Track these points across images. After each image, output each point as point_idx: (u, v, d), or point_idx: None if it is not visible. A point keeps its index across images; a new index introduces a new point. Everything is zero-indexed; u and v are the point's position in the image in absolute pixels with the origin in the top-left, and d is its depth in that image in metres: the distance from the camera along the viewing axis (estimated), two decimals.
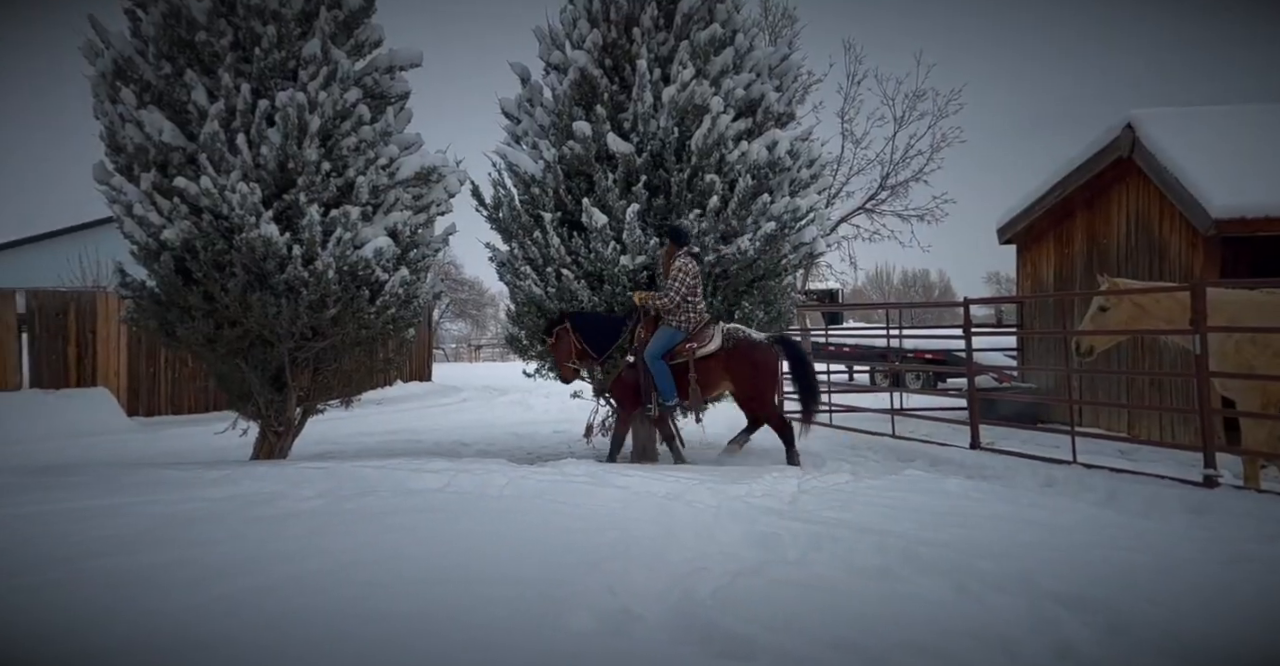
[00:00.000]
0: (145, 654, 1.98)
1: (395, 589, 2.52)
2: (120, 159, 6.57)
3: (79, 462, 5.60)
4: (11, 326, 11.16)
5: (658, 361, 6.54)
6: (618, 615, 2.46)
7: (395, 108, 7.13)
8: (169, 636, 2.09)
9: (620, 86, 7.05)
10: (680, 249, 6.50)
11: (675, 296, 6.38)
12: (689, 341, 6.54)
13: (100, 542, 2.96)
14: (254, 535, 3.16)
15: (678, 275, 6.38)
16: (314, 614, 2.27)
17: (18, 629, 2.12)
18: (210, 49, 6.38)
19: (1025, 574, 2.94)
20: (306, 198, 6.64)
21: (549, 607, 2.45)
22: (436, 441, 9.31)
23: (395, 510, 3.77)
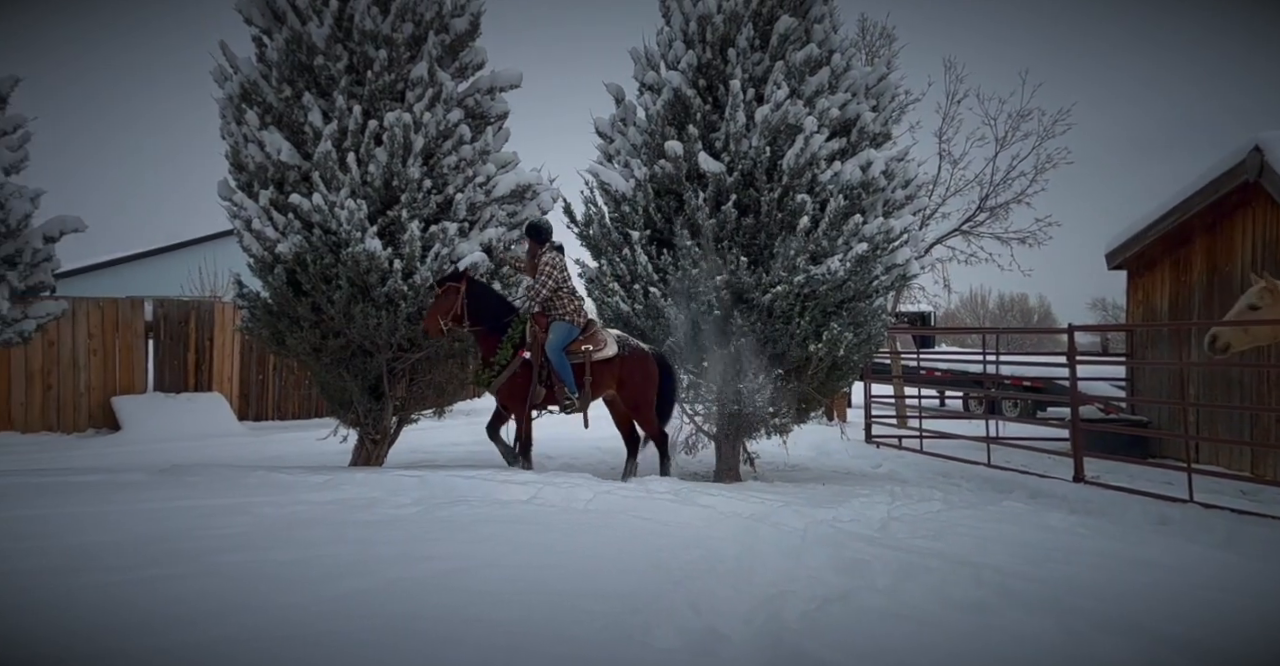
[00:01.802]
0: (276, 647, 2.08)
1: (494, 597, 2.58)
2: (242, 177, 7.00)
3: (199, 463, 5.95)
4: (140, 333, 11.97)
5: (560, 355, 6.60)
6: (704, 634, 2.45)
7: (494, 127, 7.38)
8: (296, 632, 2.19)
9: (713, 106, 7.10)
10: (542, 246, 6.70)
11: (542, 290, 6.53)
12: (583, 342, 6.67)
13: (225, 540, 3.14)
14: (359, 538, 3.28)
15: (546, 270, 6.54)
16: (422, 619, 2.35)
17: (156, 617, 2.26)
18: (327, 72, 6.75)
19: (1135, 616, 2.79)
20: (408, 214, 6.92)
21: (637, 623, 2.47)
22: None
23: (486, 519, 3.85)
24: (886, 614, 2.70)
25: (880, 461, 9.07)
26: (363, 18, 6.63)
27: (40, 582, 2.51)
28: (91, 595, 2.42)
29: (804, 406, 7.47)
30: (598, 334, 6.74)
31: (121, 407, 11.39)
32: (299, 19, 6.68)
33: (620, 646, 2.30)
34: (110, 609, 2.30)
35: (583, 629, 2.38)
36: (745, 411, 7.07)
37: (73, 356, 11.26)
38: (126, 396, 11.62)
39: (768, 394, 6.96)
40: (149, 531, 3.29)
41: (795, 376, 7.05)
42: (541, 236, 6.73)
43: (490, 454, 9.25)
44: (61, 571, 2.64)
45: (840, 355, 6.83)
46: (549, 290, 6.56)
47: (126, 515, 3.63)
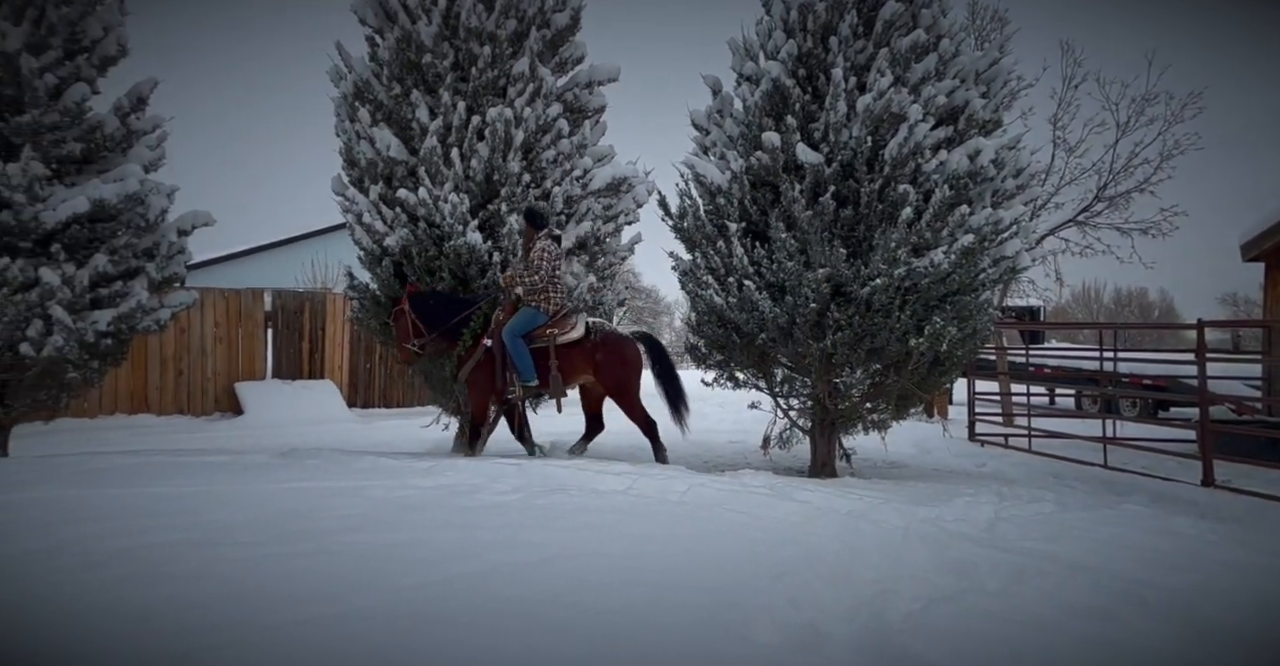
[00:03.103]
0: (396, 625, 2.18)
1: (594, 585, 2.63)
2: (354, 172, 7.33)
3: (314, 447, 6.30)
4: (260, 323, 12.72)
5: (515, 340, 6.45)
6: (803, 630, 2.43)
7: (591, 121, 7.47)
8: (412, 610, 2.29)
9: (812, 96, 6.97)
10: (539, 231, 6.53)
11: (545, 276, 6.39)
12: (550, 327, 6.51)
13: (342, 521, 3.31)
14: (464, 523, 3.40)
15: (543, 255, 6.39)
16: (526, 603, 2.42)
17: (288, 592, 2.40)
18: (434, 70, 6.98)
19: (1277, 632, 2.60)
20: (507, 207, 7.09)
21: (735, 617, 2.47)
22: (615, 445, 9.56)
23: (584, 509, 3.92)
24: (998, 617, 2.61)
25: (985, 460, 8.76)
26: (468, 15, 6.82)
27: (181, 554, 2.70)
28: (228, 568, 2.59)
29: (903, 402, 7.27)
30: (566, 319, 6.63)
31: (243, 393, 12.13)
32: (409, 18, 6.92)
33: (719, 639, 2.30)
34: (246, 582, 2.46)
35: (681, 620, 2.40)
36: (841, 406, 6.94)
37: (201, 344, 12.06)
38: (248, 382, 12.37)
39: (865, 389, 6.81)
40: (275, 510, 3.50)
41: (894, 371, 6.87)
42: (538, 222, 6.66)
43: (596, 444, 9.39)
44: (200, 544, 2.83)
45: (943, 350, 6.61)
46: (544, 281, 6.45)
47: (255, 495, 3.87)
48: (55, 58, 6.16)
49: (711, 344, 7.62)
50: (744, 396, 7.81)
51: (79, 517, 3.20)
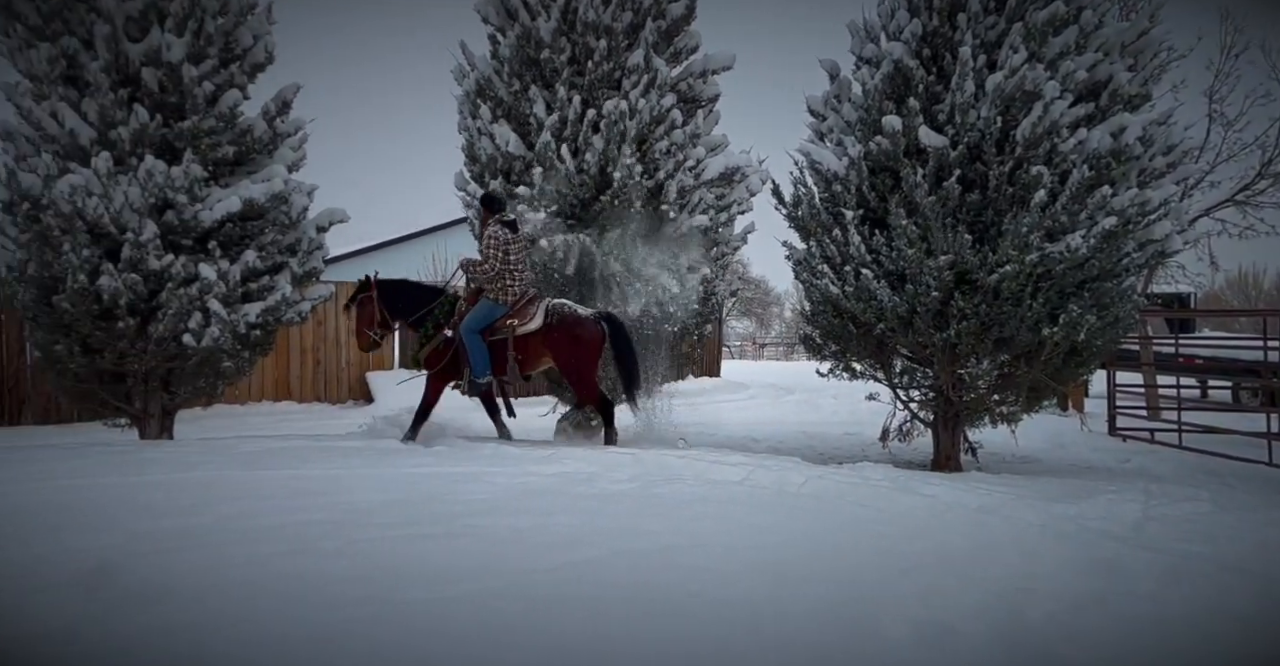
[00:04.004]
0: (527, 606, 2.25)
1: (714, 574, 2.63)
2: (475, 168, 7.59)
3: (439, 434, 6.58)
4: None
5: (472, 335, 6.34)
6: (934, 627, 2.35)
7: (705, 111, 7.43)
8: (541, 593, 2.36)
9: (937, 77, 6.68)
10: (492, 216, 6.39)
11: (489, 268, 6.24)
12: (510, 317, 6.36)
13: (470, 504, 3.44)
14: (584, 510, 3.47)
15: (489, 242, 6.27)
16: (649, 590, 2.45)
17: (425, 570, 2.52)
18: (551, 65, 7.13)
19: None
20: (620, 200, 7.17)
21: (862, 610, 2.41)
22: (728, 435, 9.53)
23: (701, 499, 3.92)
24: (1152, 621, 2.44)
25: (1128, 456, 8.21)
26: (586, 9, 6.93)
27: (326, 533, 2.88)
28: (368, 547, 2.74)
29: (1035, 394, 6.91)
30: (526, 308, 6.45)
31: (374, 382, 12.82)
32: (529, 15, 7.10)
33: (846, 632, 2.26)
34: (386, 561, 2.59)
35: (806, 611, 2.37)
36: (966, 398, 6.66)
37: (335, 335, 12.81)
38: (378, 372, 13.05)
39: (992, 380, 6.50)
40: (407, 493, 3.68)
41: (1025, 362, 6.53)
42: (493, 206, 6.52)
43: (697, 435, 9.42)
44: (342, 524, 3.01)
45: (1080, 340, 6.22)
46: (495, 269, 6.28)
47: (388, 478, 4.09)
48: (212, 66, 6.66)
49: (826, 334, 7.47)
50: (860, 387, 7.62)
51: (236, 496, 3.47)
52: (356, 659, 1.86)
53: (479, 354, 6.35)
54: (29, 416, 10.51)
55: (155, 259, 6.31)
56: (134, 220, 6.26)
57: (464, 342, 6.34)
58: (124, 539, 2.69)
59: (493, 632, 2.05)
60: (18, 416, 10.48)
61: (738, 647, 2.11)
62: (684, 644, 2.09)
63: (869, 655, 2.16)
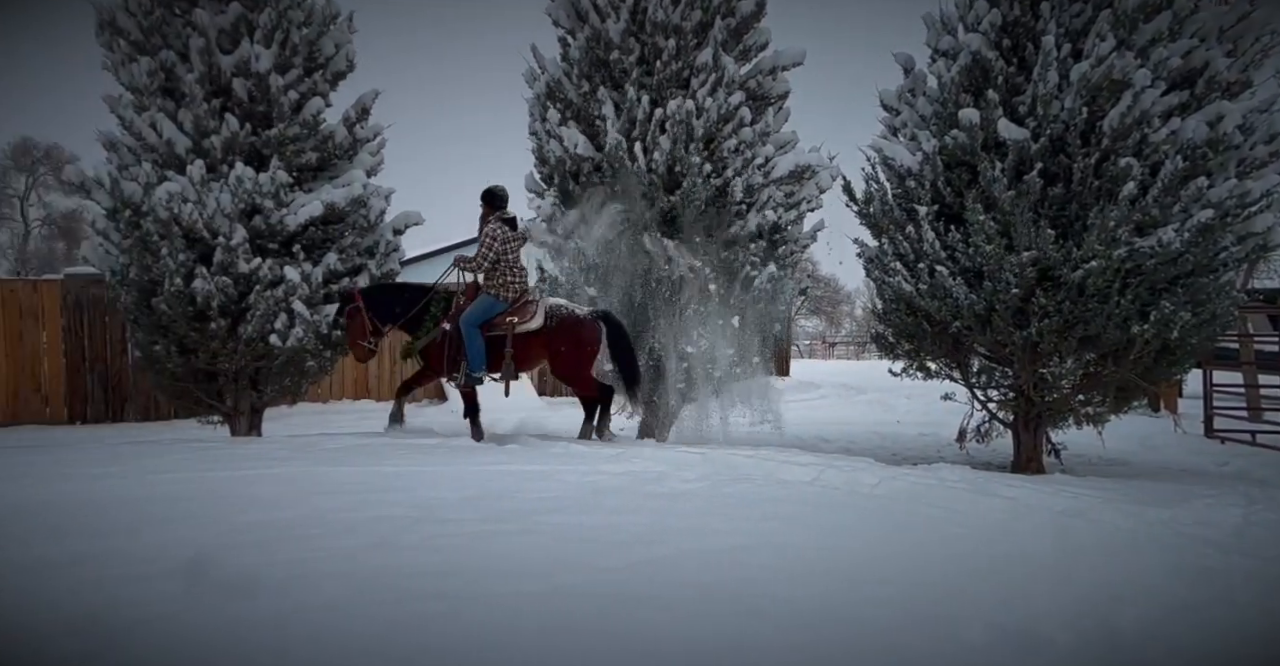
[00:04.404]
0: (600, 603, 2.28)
1: (785, 575, 2.61)
2: (544, 170, 7.69)
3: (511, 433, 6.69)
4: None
5: (472, 329, 6.27)
6: (1018, 633, 2.28)
7: (774, 108, 7.36)
8: (613, 591, 2.38)
9: (1018, 68, 6.48)
10: (494, 212, 6.38)
11: (484, 262, 6.26)
12: (509, 315, 6.33)
13: (541, 502, 3.50)
14: (654, 509, 3.48)
15: (485, 239, 6.28)
16: (719, 588, 2.44)
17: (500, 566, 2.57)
18: (620, 65, 7.17)
19: None
20: (686, 199, 7.16)
21: (940, 613, 2.36)
22: (797, 435, 9.43)
23: (770, 499, 3.89)
24: (1254, 634, 2.31)
25: (1226, 459, 7.82)
26: (655, 9, 6.94)
27: (405, 528, 2.97)
28: (444, 542, 2.80)
29: (1123, 394, 6.63)
30: (526, 307, 6.41)
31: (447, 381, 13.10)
32: (599, 17, 7.15)
33: (922, 635, 2.21)
34: (462, 556, 2.65)
35: (880, 614, 2.33)
36: (1048, 398, 6.43)
37: None
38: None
39: (1076, 379, 6.26)
40: (482, 490, 3.75)
41: (1112, 361, 6.27)
42: (494, 202, 6.49)
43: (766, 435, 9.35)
44: (420, 520, 3.09)
45: (1173, 338, 5.94)
46: (489, 262, 6.30)
47: (463, 475, 4.18)
48: (297, 75, 6.93)
49: (899, 333, 7.33)
50: (935, 387, 7.45)
51: (322, 491, 3.60)
52: (438, 651, 1.91)
53: (476, 348, 6.32)
54: (131, 414, 11.13)
55: (244, 262, 6.59)
56: (225, 225, 6.56)
57: (463, 335, 6.30)
58: (219, 531, 2.82)
59: (566, 629, 2.08)
60: (121, 413, 11.11)
61: (810, 649, 2.09)
62: (756, 644, 2.08)
63: (947, 658, 2.11)
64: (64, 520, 2.93)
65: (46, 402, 10.83)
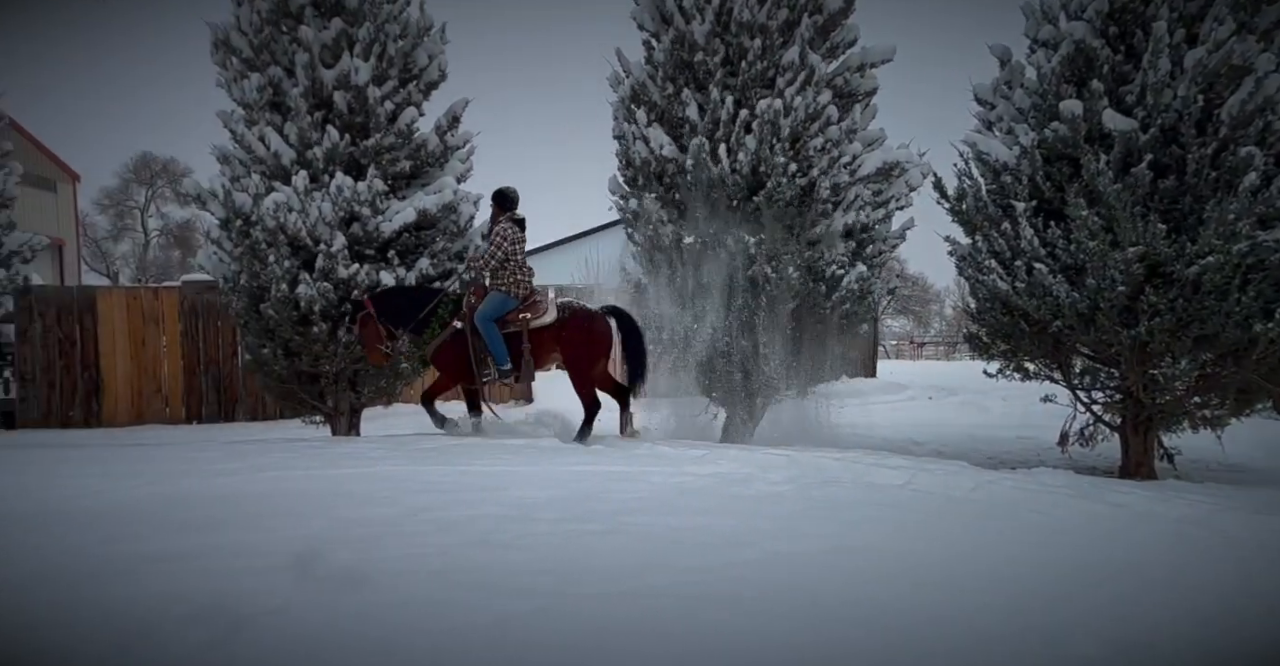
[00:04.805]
0: (690, 605, 2.27)
1: (878, 579, 2.56)
2: (629, 172, 7.76)
3: (598, 434, 6.76)
4: None
5: (488, 324, 6.32)
6: (1133, 648, 2.17)
7: (862, 105, 7.22)
8: (702, 592, 2.38)
9: (1125, 56, 6.17)
10: (504, 213, 6.48)
11: (490, 260, 6.38)
12: (521, 311, 6.40)
13: (628, 502, 3.52)
14: (741, 511, 3.46)
15: (495, 239, 6.38)
16: (809, 592, 2.41)
17: (589, 566, 2.61)
18: (705, 67, 7.18)
19: None
20: (770, 199, 7.09)
21: (1050, 624, 2.26)
22: (886, 438, 9.21)
23: (861, 502, 3.82)
24: None
25: None
26: (741, 9, 6.92)
27: (498, 527, 3.04)
28: (536, 541, 2.86)
29: (1244, 396, 6.22)
30: (539, 303, 6.43)
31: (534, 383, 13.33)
32: (684, 19, 7.17)
33: (1030, 646, 2.13)
34: (553, 555, 2.70)
35: (982, 623, 2.25)
36: (1159, 400, 6.09)
37: None
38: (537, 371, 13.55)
39: (1191, 381, 5.91)
40: (569, 490, 3.81)
41: (1232, 361, 5.89)
42: (504, 203, 6.53)
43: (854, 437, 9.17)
44: (513, 518, 3.17)
45: None
46: (497, 260, 6.37)
47: (551, 475, 4.25)
48: (392, 87, 7.21)
49: (994, 333, 7.08)
50: (1033, 388, 7.16)
51: (419, 489, 3.72)
52: (532, 647, 1.95)
53: (497, 342, 6.37)
54: (241, 413, 11.77)
55: (344, 268, 6.89)
56: (326, 232, 6.87)
57: (481, 333, 6.37)
58: (327, 526, 2.96)
59: (656, 630, 2.09)
60: (232, 413, 11.77)
61: (909, 657, 2.04)
62: (849, 651, 2.05)
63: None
64: (188, 514, 3.12)
65: (166, 403, 11.57)
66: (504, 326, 6.44)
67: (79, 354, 11.15)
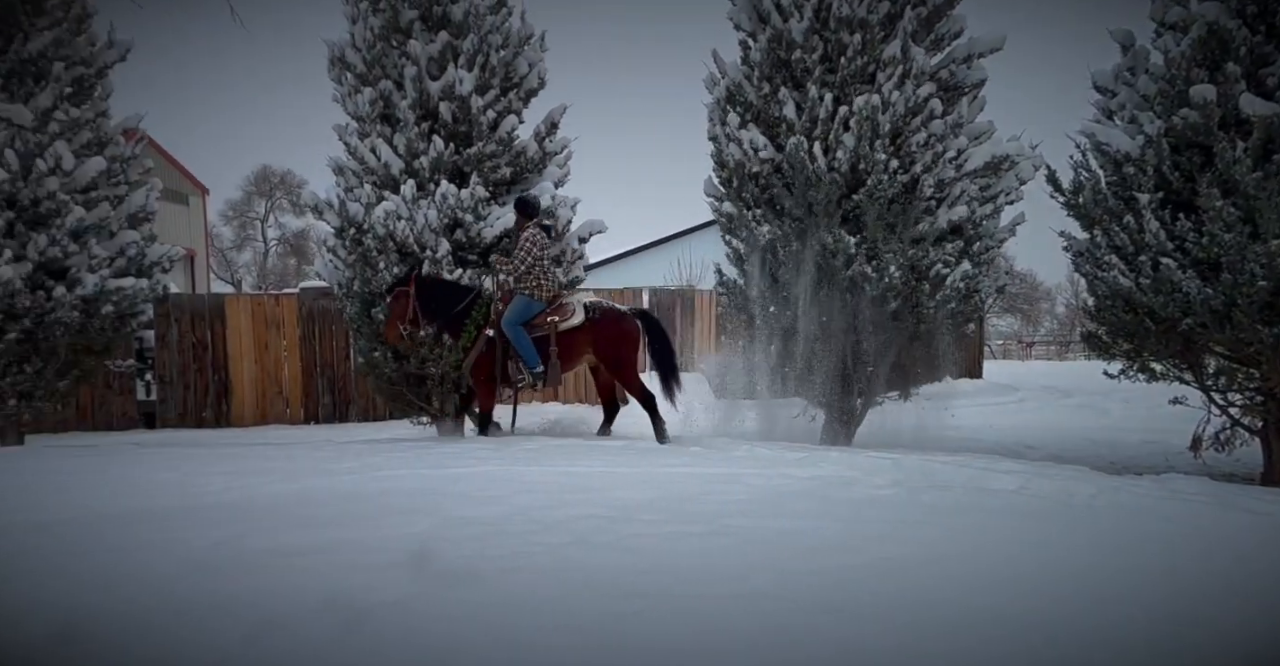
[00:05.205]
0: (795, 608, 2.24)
1: (996, 590, 2.45)
2: (723, 173, 7.74)
3: (694, 435, 6.78)
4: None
5: (516, 328, 6.41)
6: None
7: (968, 97, 6.96)
8: (810, 596, 2.33)
9: (1265, 36, 5.72)
10: (530, 221, 6.58)
11: (520, 265, 6.46)
12: (549, 314, 6.47)
13: (727, 504, 3.50)
14: (845, 515, 3.39)
15: (524, 244, 6.46)
16: (916, 600, 2.33)
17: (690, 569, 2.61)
18: (802, 65, 7.08)
19: None
20: (870, 197, 6.93)
21: (1191, 640, 2.12)
22: (996, 441, 8.85)
23: (972, 508, 3.68)
24: None
25: None
26: (840, 5, 6.80)
27: (602, 527, 3.07)
28: (638, 542, 2.87)
29: None
30: (565, 305, 6.54)
31: None
32: (781, 17, 7.11)
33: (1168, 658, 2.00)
34: (656, 557, 2.71)
35: (1115, 637, 2.12)
36: None
37: None
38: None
39: None
40: (669, 491, 3.82)
41: None
42: (529, 211, 6.66)
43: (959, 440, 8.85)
44: (615, 519, 3.19)
45: None
46: (526, 265, 6.38)
47: (650, 476, 4.27)
48: (494, 96, 7.44)
49: (1115, 331, 6.71)
50: (1160, 390, 6.75)
51: (522, 489, 3.80)
52: (642, 650, 1.97)
53: (527, 345, 6.44)
54: (354, 414, 12.36)
55: (448, 273, 7.14)
56: (431, 239, 7.13)
57: (510, 337, 6.45)
58: (436, 524, 3.07)
59: (763, 632, 2.07)
60: (345, 414, 12.37)
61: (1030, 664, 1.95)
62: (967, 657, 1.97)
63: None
64: (312, 511, 3.31)
65: (287, 404, 12.27)
66: (532, 330, 6.53)
67: (210, 357, 11.95)
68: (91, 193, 7.78)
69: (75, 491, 3.91)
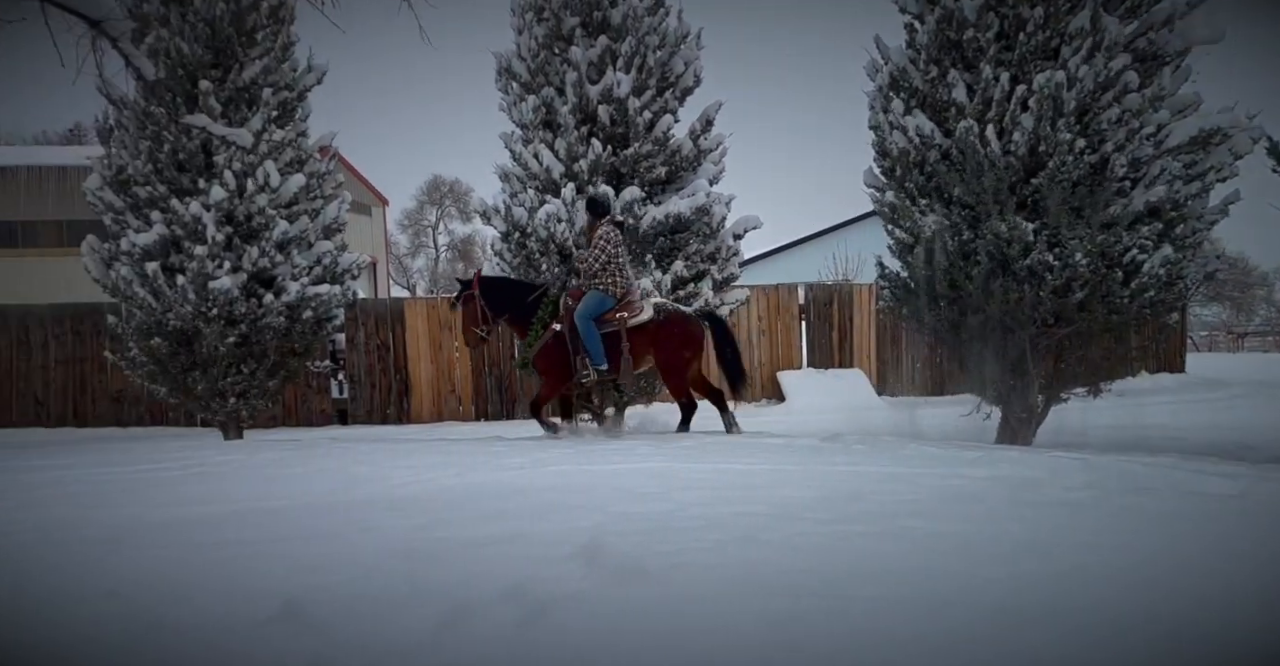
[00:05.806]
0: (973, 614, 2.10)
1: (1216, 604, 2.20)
2: (885, 163, 7.44)
3: (856, 432, 6.55)
4: (795, 315, 13.79)
5: (587, 322, 6.39)
6: None
7: (1171, 67, 6.30)
8: (991, 603, 2.17)
9: None
10: (602, 220, 6.61)
11: (594, 263, 6.48)
12: (619, 310, 6.47)
13: (899, 505, 3.34)
14: (1028, 518, 3.15)
15: (599, 242, 6.49)
16: (1124, 612, 2.11)
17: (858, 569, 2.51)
18: (975, 44, 6.70)
19: None
20: (1053, 180, 6.42)
21: None
22: (1207, 440, 7.98)
23: (1183, 515, 3.33)
24: None
25: None
26: None
27: (769, 525, 3.02)
28: (804, 541, 2.80)
29: None
30: (635, 303, 6.57)
31: (784, 381, 13.27)
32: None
33: None
34: (822, 557, 2.63)
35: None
36: None
37: (748, 336, 13.53)
38: (788, 371, 13.49)
39: None
40: (836, 491, 3.71)
41: None
42: (599, 210, 6.69)
43: (1162, 440, 8.03)
44: (781, 518, 3.13)
45: None
46: (600, 263, 6.23)
47: (815, 475, 4.17)
48: (650, 96, 7.56)
49: None
50: None
51: (684, 485, 3.81)
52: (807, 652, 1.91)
53: (595, 341, 6.44)
54: (520, 412, 12.94)
55: None
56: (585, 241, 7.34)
57: (580, 331, 6.45)
58: (603, 519, 3.13)
59: (948, 640, 1.96)
60: (511, 411, 12.98)
61: None
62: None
63: None
64: (487, 504, 3.48)
65: (460, 402, 13.04)
66: (602, 326, 6.59)
67: (392, 358, 12.90)
68: (293, 207, 8.62)
69: (287, 482, 4.33)
